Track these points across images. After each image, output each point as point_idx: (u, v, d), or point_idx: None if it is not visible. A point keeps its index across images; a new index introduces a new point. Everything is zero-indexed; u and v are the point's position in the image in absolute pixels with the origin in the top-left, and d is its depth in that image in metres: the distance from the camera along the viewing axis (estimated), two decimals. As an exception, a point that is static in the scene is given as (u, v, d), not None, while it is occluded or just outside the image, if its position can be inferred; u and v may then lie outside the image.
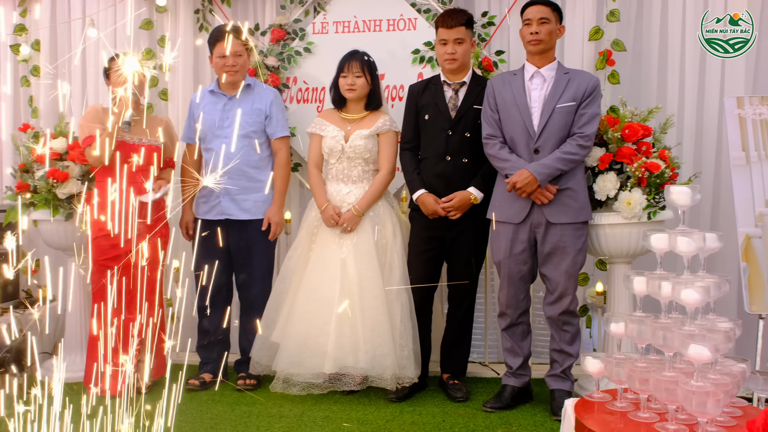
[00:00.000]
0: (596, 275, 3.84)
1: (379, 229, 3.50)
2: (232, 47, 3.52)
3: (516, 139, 3.15)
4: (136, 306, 3.44)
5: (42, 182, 3.61)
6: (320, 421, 3.07)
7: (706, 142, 3.84)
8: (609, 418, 2.03)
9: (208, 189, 3.59)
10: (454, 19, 3.29)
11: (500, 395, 3.27)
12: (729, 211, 3.53)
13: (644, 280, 2.11)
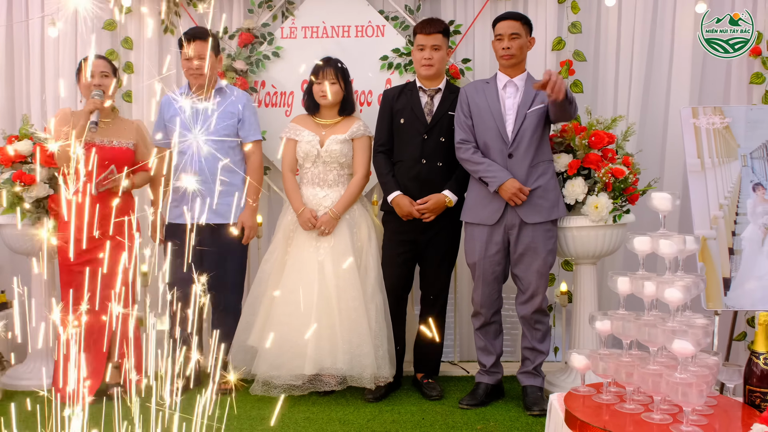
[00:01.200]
0: (561, 275, 4.01)
1: (355, 231, 3.57)
2: (197, 49, 3.52)
3: (489, 144, 3.28)
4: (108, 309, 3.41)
5: (8, 185, 3.52)
6: (302, 422, 3.12)
7: (654, 148, 4.05)
8: (597, 410, 2.15)
9: (179, 193, 3.58)
10: (433, 26, 3.40)
11: (475, 392, 3.38)
12: (685, 215, 3.75)
13: (627, 280, 2.25)
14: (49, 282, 3.84)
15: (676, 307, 2.08)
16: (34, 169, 3.57)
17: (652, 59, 4.09)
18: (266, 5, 4.24)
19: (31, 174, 3.53)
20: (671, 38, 4.06)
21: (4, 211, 3.55)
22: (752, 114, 3.48)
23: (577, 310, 3.56)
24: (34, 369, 3.74)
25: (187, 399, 3.39)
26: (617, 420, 2.08)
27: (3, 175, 3.58)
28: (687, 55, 4.01)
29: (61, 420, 2.48)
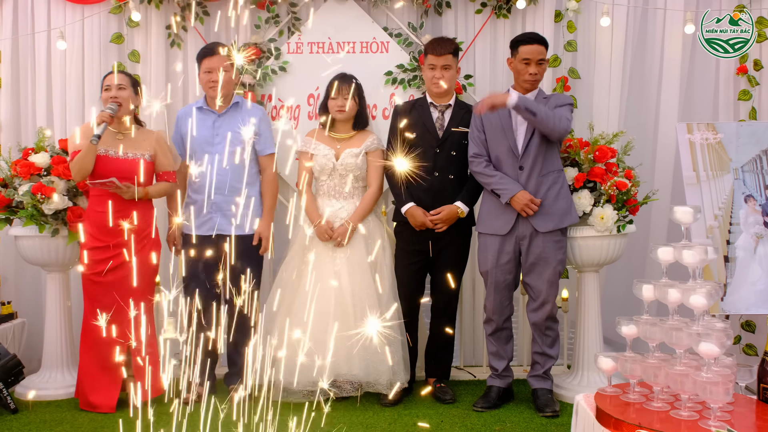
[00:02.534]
0: (561, 283, 4.19)
1: (370, 242, 3.69)
2: (216, 63, 3.62)
3: (501, 158, 3.45)
4: (129, 321, 3.47)
5: (27, 197, 3.56)
6: (326, 426, 3.22)
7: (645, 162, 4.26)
8: (628, 409, 2.32)
9: (197, 204, 3.66)
10: (444, 47, 3.55)
11: (487, 396, 3.53)
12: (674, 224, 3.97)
13: (651, 287, 2.43)
14: (64, 292, 3.87)
15: (701, 312, 2.26)
16: (53, 181, 3.61)
17: (643, 77, 4.31)
18: (273, 21, 4.35)
19: (50, 186, 3.58)
20: (660, 57, 4.28)
21: (26, 223, 3.58)
22: (743, 130, 3.72)
23: (581, 315, 3.74)
24: (51, 379, 3.77)
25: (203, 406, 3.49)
26: (647, 417, 2.25)
27: (22, 188, 3.61)
28: (675, 72, 4.23)
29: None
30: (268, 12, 4.33)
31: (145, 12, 4.36)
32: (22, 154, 3.77)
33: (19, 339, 4.20)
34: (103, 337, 3.45)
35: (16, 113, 4.46)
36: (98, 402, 3.47)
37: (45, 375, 3.79)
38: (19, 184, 3.64)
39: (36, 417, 3.41)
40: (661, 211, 4.14)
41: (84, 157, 3.35)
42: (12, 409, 3.42)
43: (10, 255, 4.44)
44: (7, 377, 3.46)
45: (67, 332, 3.87)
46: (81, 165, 3.36)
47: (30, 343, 4.31)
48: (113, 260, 3.43)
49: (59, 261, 3.75)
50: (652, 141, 4.32)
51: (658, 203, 4.13)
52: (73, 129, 3.57)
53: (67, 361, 3.84)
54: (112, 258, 3.43)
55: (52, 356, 3.82)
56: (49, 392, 3.70)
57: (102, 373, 3.48)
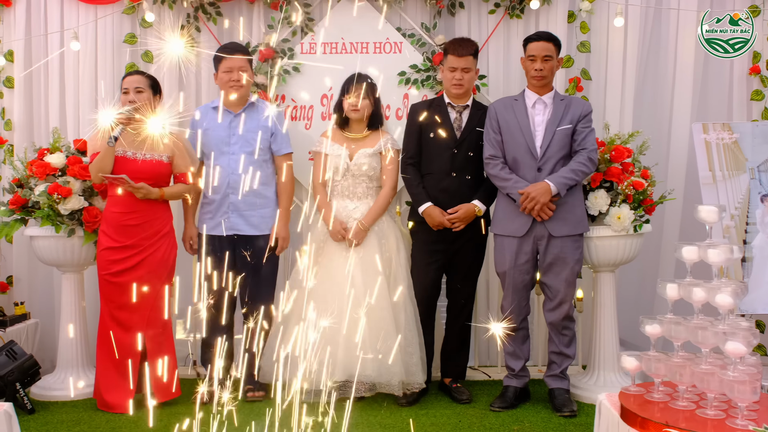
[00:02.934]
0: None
1: (384, 242, 3.69)
2: (237, 62, 3.62)
3: (519, 159, 3.44)
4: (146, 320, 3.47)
5: (44, 197, 3.56)
6: (345, 426, 3.21)
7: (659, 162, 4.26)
8: (653, 408, 2.32)
9: (214, 204, 3.66)
10: (465, 48, 3.54)
11: (504, 395, 3.53)
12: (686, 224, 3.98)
13: (676, 286, 2.43)
14: (78, 293, 3.87)
15: (726, 311, 2.26)
16: (69, 182, 3.61)
17: (656, 77, 4.31)
18: (286, 21, 4.35)
19: (66, 186, 3.58)
20: (674, 57, 4.27)
21: (42, 223, 3.58)
22: (758, 129, 3.72)
23: (597, 315, 3.73)
24: (65, 379, 3.76)
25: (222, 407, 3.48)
26: (673, 416, 2.25)
27: (38, 188, 3.61)
28: (689, 72, 4.23)
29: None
30: (282, 12, 4.33)
31: (158, 12, 4.36)
32: (38, 155, 3.77)
33: (33, 339, 4.20)
34: (117, 337, 3.46)
35: (29, 113, 4.47)
36: (114, 402, 3.47)
37: (60, 375, 3.79)
38: (35, 185, 3.64)
39: (53, 417, 3.41)
40: (675, 210, 4.14)
41: (103, 158, 3.36)
42: (29, 409, 3.42)
43: (23, 255, 4.44)
44: (24, 377, 3.45)
45: (83, 333, 3.87)
46: (100, 166, 3.37)
47: (42, 344, 4.31)
48: (128, 260, 3.43)
49: (74, 261, 3.75)
50: (665, 141, 4.32)
51: (671, 203, 4.12)
52: (95, 131, 3.55)
53: (82, 362, 3.84)
54: (128, 258, 3.43)
55: (67, 357, 3.82)
56: (64, 393, 3.70)
57: (118, 373, 3.48)
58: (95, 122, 4.34)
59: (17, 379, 3.39)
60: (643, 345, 3.70)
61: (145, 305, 3.44)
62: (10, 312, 4.25)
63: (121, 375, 3.46)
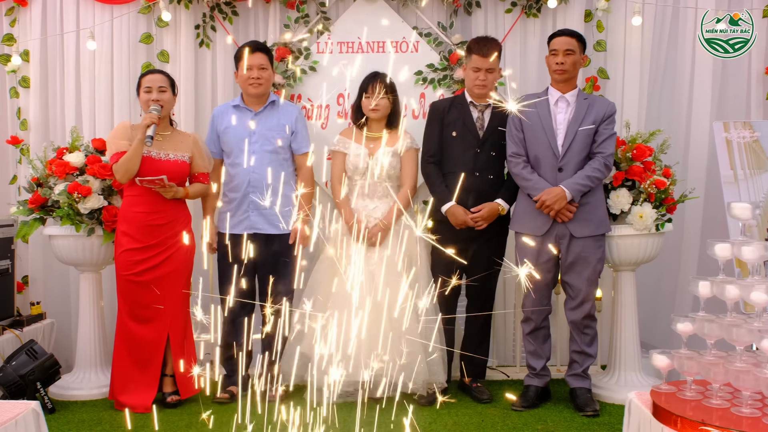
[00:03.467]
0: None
1: (404, 241, 3.67)
2: (258, 60, 3.61)
3: (540, 157, 3.43)
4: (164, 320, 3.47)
5: (63, 196, 3.55)
6: (367, 426, 3.20)
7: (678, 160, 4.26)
8: (686, 406, 2.30)
9: (234, 203, 3.65)
10: (490, 48, 3.51)
11: (525, 395, 3.52)
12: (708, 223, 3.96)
13: (708, 284, 2.41)
14: (97, 292, 3.86)
15: (762, 308, 2.24)
16: (88, 181, 3.60)
17: (675, 76, 4.30)
18: (302, 20, 4.34)
19: (86, 185, 3.57)
20: (692, 56, 4.26)
21: (62, 222, 3.57)
22: (779, 128, 3.71)
23: (618, 315, 3.72)
24: (84, 379, 3.76)
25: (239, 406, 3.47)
26: (707, 414, 2.23)
27: (58, 187, 3.60)
28: (708, 71, 4.22)
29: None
30: (298, 12, 4.33)
31: (174, 12, 4.35)
32: (56, 154, 3.76)
33: (49, 339, 4.18)
34: (139, 337, 3.45)
35: (44, 113, 4.46)
36: (134, 402, 3.45)
37: (79, 375, 3.78)
38: (54, 184, 3.63)
39: (73, 416, 3.40)
40: (693, 209, 4.13)
41: (132, 158, 3.34)
42: (49, 408, 3.41)
43: (38, 255, 4.44)
44: (45, 377, 3.44)
45: (101, 332, 3.86)
46: (128, 166, 3.35)
47: (58, 344, 4.29)
48: (152, 260, 3.42)
49: (93, 261, 3.74)
50: (683, 139, 4.30)
51: (689, 202, 4.10)
52: (114, 130, 3.52)
53: (100, 361, 3.82)
54: (151, 258, 3.42)
55: (85, 356, 3.82)
56: (83, 392, 3.70)
57: (138, 373, 3.47)
58: (111, 121, 4.38)
59: (38, 379, 3.38)
60: (661, 345, 3.71)
61: (169, 303, 3.44)
62: (26, 312, 4.24)
63: (142, 374, 3.46)
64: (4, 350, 3.65)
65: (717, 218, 4.01)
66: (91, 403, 3.60)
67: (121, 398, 3.48)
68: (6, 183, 4.44)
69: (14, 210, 3.79)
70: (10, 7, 4.40)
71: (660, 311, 4.30)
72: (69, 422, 3.31)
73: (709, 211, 4.12)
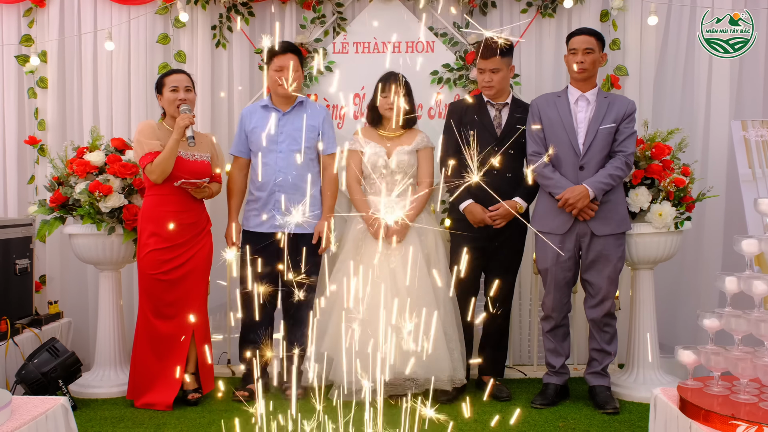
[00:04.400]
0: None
1: (423, 239, 3.69)
2: (288, 61, 3.63)
3: (561, 156, 3.44)
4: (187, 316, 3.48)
5: (84, 195, 3.57)
6: (392, 425, 3.20)
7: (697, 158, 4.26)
8: (714, 401, 2.31)
9: (260, 202, 3.66)
10: (490, 51, 3.56)
11: (545, 392, 3.52)
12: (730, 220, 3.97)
13: (735, 279, 2.42)
14: (116, 291, 3.88)
15: (790, 303, 2.25)
16: (109, 180, 3.62)
17: (693, 75, 4.30)
18: (319, 21, 4.37)
19: (107, 184, 3.59)
20: (710, 55, 4.26)
21: (84, 221, 3.59)
22: (797, 127, 3.72)
23: (636, 313, 3.72)
24: (104, 377, 3.77)
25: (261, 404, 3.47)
26: (736, 409, 2.24)
27: (79, 186, 3.62)
28: (725, 70, 4.22)
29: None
30: (314, 12, 4.35)
31: (191, 13, 4.38)
32: (77, 153, 3.78)
33: (66, 338, 4.20)
34: (163, 334, 3.46)
35: (62, 113, 4.49)
36: (155, 400, 3.47)
37: (98, 373, 3.80)
38: (75, 183, 3.65)
39: (95, 414, 3.41)
40: (711, 208, 4.13)
41: (169, 159, 3.36)
42: (71, 405, 3.42)
43: (55, 254, 4.46)
44: (66, 374, 3.46)
45: (120, 331, 3.88)
46: (165, 167, 3.37)
47: (75, 343, 4.31)
48: (178, 258, 3.45)
49: (113, 259, 3.76)
50: (699, 138, 4.30)
51: (712, 200, 4.08)
52: (140, 130, 3.52)
53: (119, 359, 3.84)
54: (178, 257, 3.45)
55: (104, 354, 3.83)
56: (102, 390, 3.71)
57: (161, 370, 3.48)
58: (128, 121, 4.40)
59: (60, 376, 3.40)
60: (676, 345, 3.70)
61: (193, 299, 3.47)
62: (43, 311, 4.26)
63: (164, 371, 3.47)
64: (24, 349, 3.67)
65: (737, 216, 4.01)
66: (111, 401, 3.62)
67: (145, 396, 3.49)
68: (24, 182, 4.47)
69: (34, 209, 3.80)
70: (28, 8, 4.43)
71: (677, 311, 4.31)
72: (91, 419, 3.33)
73: (729, 210, 4.12)
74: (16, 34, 4.48)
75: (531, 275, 4.22)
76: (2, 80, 4.48)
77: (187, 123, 3.35)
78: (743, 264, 2.46)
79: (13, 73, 4.47)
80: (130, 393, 3.57)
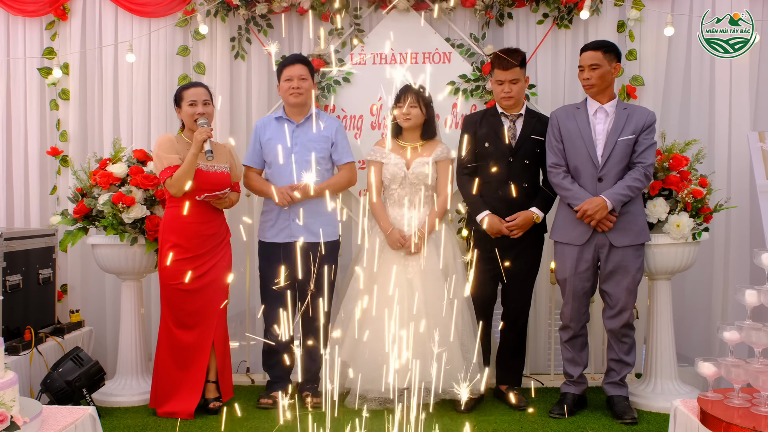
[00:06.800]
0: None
1: (441, 250, 3.71)
2: (298, 71, 3.68)
3: (580, 168, 3.47)
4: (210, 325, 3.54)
5: (108, 207, 3.63)
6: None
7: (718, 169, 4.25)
8: (735, 413, 2.33)
9: (274, 213, 3.71)
10: (509, 62, 3.59)
11: (562, 402, 3.54)
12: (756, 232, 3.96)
13: (755, 292, 2.44)
14: (138, 300, 3.93)
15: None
16: (131, 191, 3.68)
17: (712, 86, 4.29)
18: (336, 33, 4.41)
19: (130, 195, 3.65)
20: (729, 65, 4.25)
21: (108, 231, 3.65)
22: (814, 138, 3.72)
23: (654, 323, 3.74)
24: (126, 386, 3.82)
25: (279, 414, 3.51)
26: (758, 421, 2.26)
27: (102, 197, 3.68)
28: (744, 81, 4.22)
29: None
30: (332, 24, 4.39)
31: (210, 25, 4.44)
32: (100, 164, 3.84)
33: (87, 347, 4.25)
34: (184, 343, 3.51)
35: (83, 125, 4.55)
36: (177, 408, 3.51)
37: (120, 382, 3.85)
38: (98, 194, 3.71)
39: (119, 422, 3.46)
40: (728, 219, 4.14)
41: (188, 172, 3.41)
42: (95, 414, 3.47)
43: (76, 264, 4.51)
44: (90, 383, 3.51)
45: (142, 340, 3.93)
46: (183, 181, 3.42)
47: (95, 353, 4.36)
48: (200, 269, 3.50)
49: (135, 269, 3.81)
50: (725, 149, 4.26)
51: (731, 211, 4.08)
52: (160, 143, 3.56)
53: (141, 368, 3.89)
54: (199, 267, 3.50)
55: (126, 363, 3.88)
56: (124, 399, 3.76)
57: (182, 379, 3.53)
58: (147, 133, 4.46)
59: (84, 385, 3.45)
60: (692, 355, 3.71)
61: (214, 309, 3.51)
62: (65, 320, 4.31)
63: (186, 380, 3.51)
64: (48, 357, 3.72)
65: (756, 227, 4.01)
66: (134, 410, 3.67)
67: (168, 405, 3.53)
68: (46, 193, 4.54)
69: (57, 219, 3.87)
70: (50, 21, 4.50)
71: (693, 322, 4.30)
72: (115, 428, 3.38)
73: (756, 220, 4.10)
74: (39, 47, 4.55)
75: (548, 285, 4.24)
76: (25, 92, 4.56)
77: (204, 137, 3.40)
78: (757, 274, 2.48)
79: (35, 85, 4.54)
80: (152, 401, 3.61)
